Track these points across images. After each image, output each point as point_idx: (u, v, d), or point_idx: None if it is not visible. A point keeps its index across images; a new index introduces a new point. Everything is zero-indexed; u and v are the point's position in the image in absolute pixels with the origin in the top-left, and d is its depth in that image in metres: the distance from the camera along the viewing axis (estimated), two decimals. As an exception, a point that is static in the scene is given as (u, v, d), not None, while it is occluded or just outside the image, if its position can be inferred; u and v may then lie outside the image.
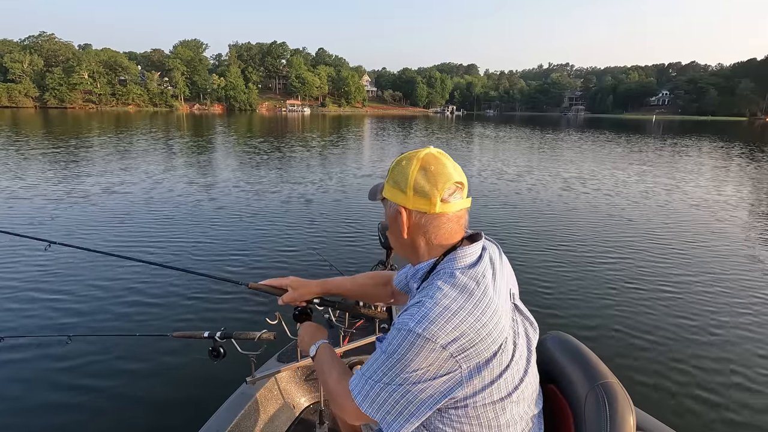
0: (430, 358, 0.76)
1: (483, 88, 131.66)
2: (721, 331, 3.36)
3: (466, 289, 0.79)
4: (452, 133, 30.05)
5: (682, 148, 20.36)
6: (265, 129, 30.85)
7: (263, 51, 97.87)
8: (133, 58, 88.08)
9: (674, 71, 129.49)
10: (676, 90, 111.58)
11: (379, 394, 0.81)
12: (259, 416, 1.77)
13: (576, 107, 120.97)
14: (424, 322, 0.75)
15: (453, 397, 0.79)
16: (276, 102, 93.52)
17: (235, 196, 7.82)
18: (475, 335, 0.76)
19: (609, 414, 0.86)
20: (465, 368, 0.77)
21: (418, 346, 0.75)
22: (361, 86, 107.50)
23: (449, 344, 0.75)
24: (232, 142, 19.66)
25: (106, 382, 2.64)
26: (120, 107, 76.76)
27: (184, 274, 4.21)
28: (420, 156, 0.85)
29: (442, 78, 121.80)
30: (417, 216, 0.85)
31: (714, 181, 10.74)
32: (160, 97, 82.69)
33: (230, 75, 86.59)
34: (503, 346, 0.79)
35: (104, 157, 13.16)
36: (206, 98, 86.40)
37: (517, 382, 0.83)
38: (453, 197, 0.84)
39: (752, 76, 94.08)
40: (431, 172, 0.83)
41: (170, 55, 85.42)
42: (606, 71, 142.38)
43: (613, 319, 3.53)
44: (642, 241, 5.66)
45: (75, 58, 73.75)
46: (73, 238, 5.31)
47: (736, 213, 7.48)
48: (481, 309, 0.77)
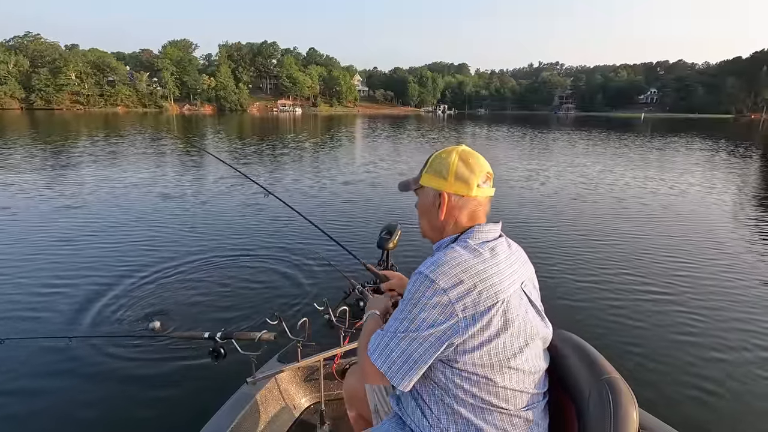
0: (434, 301, 0.88)
1: (474, 87, 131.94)
2: (726, 332, 3.31)
3: (476, 251, 0.93)
4: (446, 133, 30.10)
5: (675, 147, 20.58)
6: (257, 130, 30.66)
7: (254, 51, 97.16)
8: (121, 58, 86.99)
9: (662, 69, 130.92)
10: (664, 88, 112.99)
11: (388, 344, 0.93)
12: (259, 417, 1.77)
13: (566, 106, 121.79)
14: (432, 266, 0.90)
15: (451, 343, 0.88)
16: (267, 102, 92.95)
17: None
18: (473, 285, 0.87)
19: (613, 409, 0.87)
20: (461, 317, 0.87)
21: (425, 286, 0.89)
22: (353, 86, 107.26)
23: (450, 289, 0.87)
24: (228, 144, 19.49)
25: (106, 383, 2.64)
26: (109, 108, 75.64)
27: (184, 274, 4.27)
28: (458, 150, 1.05)
29: (433, 77, 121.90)
30: (455, 199, 1.02)
31: (718, 183, 10.67)
32: (149, 97, 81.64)
33: (220, 75, 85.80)
34: (501, 306, 0.89)
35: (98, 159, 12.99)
36: (196, 99, 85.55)
37: (516, 351, 0.91)
38: (485, 184, 1.03)
39: (738, 74, 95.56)
40: (469, 162, 1.02)
41: (159, 55, 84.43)
42: (595, 70, 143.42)
43: (616, 319, 3.51)
44: (648, 241, 5.64)
45: (62, 58, 72.47)
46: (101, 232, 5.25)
47: (744, 212, 7.49)
48: (483, 266, 0.90)
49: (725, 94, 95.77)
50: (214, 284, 4.00)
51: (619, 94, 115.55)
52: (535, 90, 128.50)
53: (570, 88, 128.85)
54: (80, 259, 4.67)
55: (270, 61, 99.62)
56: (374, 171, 11.44)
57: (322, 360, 1.79)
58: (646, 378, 2.78)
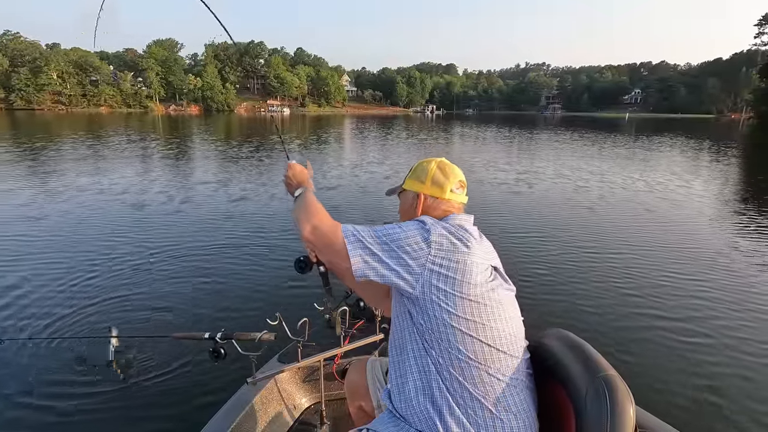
0: (418, 234, 1.02)
1: (462, 88, 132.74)
2: (723, 330, 3.32)
3: (456, 227, 1.07)
4: (435, 134, 30.19)
5: (661, 147, 20.96)
6: (245, 131, 30.39)
7: (241, 51, 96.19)
8: (104, 57, 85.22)
9: (646, 70, 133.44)
10: (648, 89, 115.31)
11: (363, 229, 1.04)
12: (259, 417, 1.77)
13: (553, 106, 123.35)
14: (427, 216, 1.10)
15: (415, 273, 0.99)
16: (255, 102, 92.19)
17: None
18: (450, 243, 1.01)
19: (610, 406, 0.87)
20: (435, 253, 0.99)
21: (415, 223, 1.05)
22: (341, 86, 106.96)
23: (437, 238, 1.01)
24: (222, 147, 19.30)
25: (106, 383, 2.62)
26: (92, 108, 74.13)
27: (184, 274, 4.23)
28: (437, 160, 1.23)
29: (421, 77, 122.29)
30: (431, 200, 1.18)
31: (708, 180, 10.86)
32: (133, 97, 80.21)
33: (207, 75, 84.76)
34: (471, 268, 1.00)
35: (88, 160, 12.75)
36: (182, 99, 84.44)
37: (485, 289, 1.01)
38: (457, 191, 1.20)
39: (718, 75, 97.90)
40: (445, 170, 1.20)
41: (144, 54, 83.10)
42: (581, 70, 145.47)
43: (613, 317, 3.53)
44: (646, 238, 5.68)
45: (42, 57, 70.72)
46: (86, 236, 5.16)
47: (738, 209, 7.59)
48: (461, 239, 1.03)
49: (706, 94, 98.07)
50: (215, 284, 3.99)
51: (604, 94, 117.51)
52: (522, 90, 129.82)
53: (556, 89, 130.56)
54: (80, 258, 4.63)
55: (257, 61, 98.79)
56: (375, 170, 11.45)
57: (322, 360, 1.79)
58: (643, 375, 2.77)
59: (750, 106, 65.49)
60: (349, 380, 1.49)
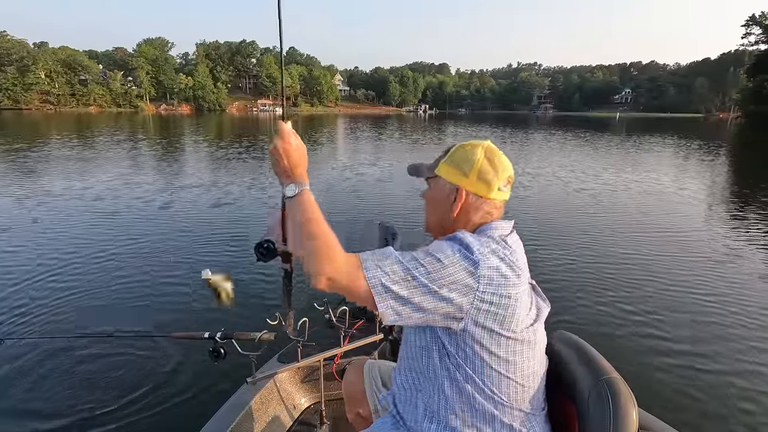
0: (463, 268, 0.81)
1: (455, 87, 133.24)
2: (726, 331, 3.32)
3: (501, 242, 0.89)
4: (429, 133, 30.22)
5: (657, 147, 21.11)
6: (236, 131, 30.21)
7: (232, 50, 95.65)
8: (93, 56, 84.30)
9: (635, 70, 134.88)
10: (638, 88, 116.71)
11: (392, 266, 0.80)
12: (259, 417, 1.76)
13: (545, 105, 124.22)
14: (469, 236, 0.87)
15: (457, 317, 0.83)
16: (247, 102, 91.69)
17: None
18: (497, 267, 0.83)
19: (612, 409, 0.87)
20: (482, 290, 0.81)
21: (457, 247, 0.83)
22: (334, 85, 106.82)
23: (481, 260, 0.82)
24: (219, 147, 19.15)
25: (105, 383, 2.61)
26: (81, 108, 73.20)
27: (183, 273, 4.20)
28: (484, 146, 0.97)
29: (414, 77, 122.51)
30: (473, 198, 0.95)
31: (717, 181, 10.78)
32: (123, 97, 79.46)
33: (198, 74, 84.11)
34: (515, 296, 0.85)
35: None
36: (173, 98, 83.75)
37: (528, 324, 0.89)
38: (505, 188, 0.97)
39: (707, 75, 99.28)
40: (495, 162, 0.95)
41: (134, 53, 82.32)
42: (572, 70, 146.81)
43: (616, 320, 3.49)
44: (649, 240, 5.60)
45: (30, 56, 69.68)
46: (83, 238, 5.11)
47: (742, 212, 7.50)
48: (512, 266, 0.86)
49: (695, 94, 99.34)
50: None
51: (595, 94, 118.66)
52: (515, 90, 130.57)
53: (548, 88, 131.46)
54: (80, 258, 4.62)
55: (249, 60, 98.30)
56: (375, 170, 11.39)
57: (322, 360, 1.79)
58: (645, 378, 2.75)
59: (738, 106, 66.66)
60: (346, 383, 1.47)
